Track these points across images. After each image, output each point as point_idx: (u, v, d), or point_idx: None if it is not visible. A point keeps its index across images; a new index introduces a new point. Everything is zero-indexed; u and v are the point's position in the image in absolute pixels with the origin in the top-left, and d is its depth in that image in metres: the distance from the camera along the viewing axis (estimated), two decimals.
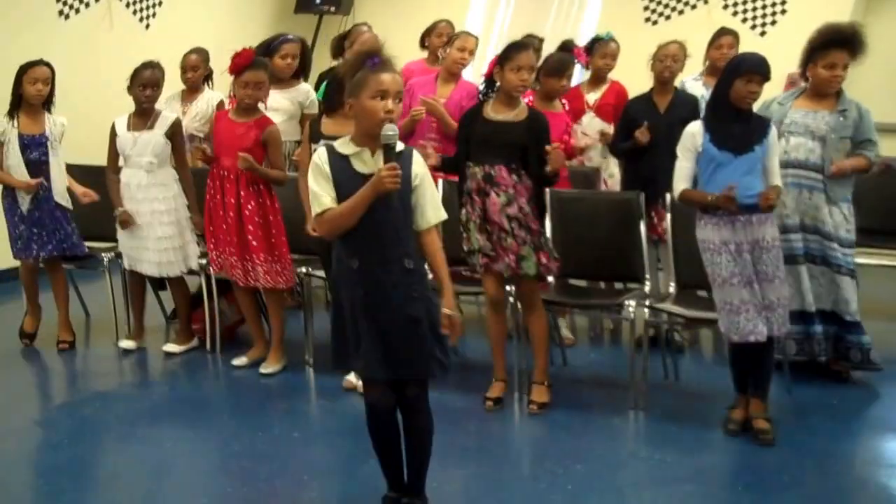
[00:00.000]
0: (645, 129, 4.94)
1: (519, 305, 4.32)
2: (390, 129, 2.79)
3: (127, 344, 5.07)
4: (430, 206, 2.94)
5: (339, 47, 5.85)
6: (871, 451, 4.03)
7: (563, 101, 5.13)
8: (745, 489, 3.49)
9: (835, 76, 4.25)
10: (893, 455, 3.98)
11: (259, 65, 4.53)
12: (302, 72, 5.59)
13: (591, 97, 5.63)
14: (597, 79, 5.67)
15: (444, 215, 3.00)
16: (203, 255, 4.93)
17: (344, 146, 2.91)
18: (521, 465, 3.82)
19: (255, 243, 4.57)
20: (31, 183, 4.86)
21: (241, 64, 4.47)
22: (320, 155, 2.92)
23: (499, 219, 4.03)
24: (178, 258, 4.89)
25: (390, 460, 3.10)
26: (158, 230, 4.82)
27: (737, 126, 3.79)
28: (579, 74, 6.19)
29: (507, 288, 4.27)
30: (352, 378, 4.44)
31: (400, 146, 2.90)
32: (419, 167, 2.93)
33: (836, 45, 4.19)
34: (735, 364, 4.01)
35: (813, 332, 4.43)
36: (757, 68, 3.73)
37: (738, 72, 3.75)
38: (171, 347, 5.02)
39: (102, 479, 3.68)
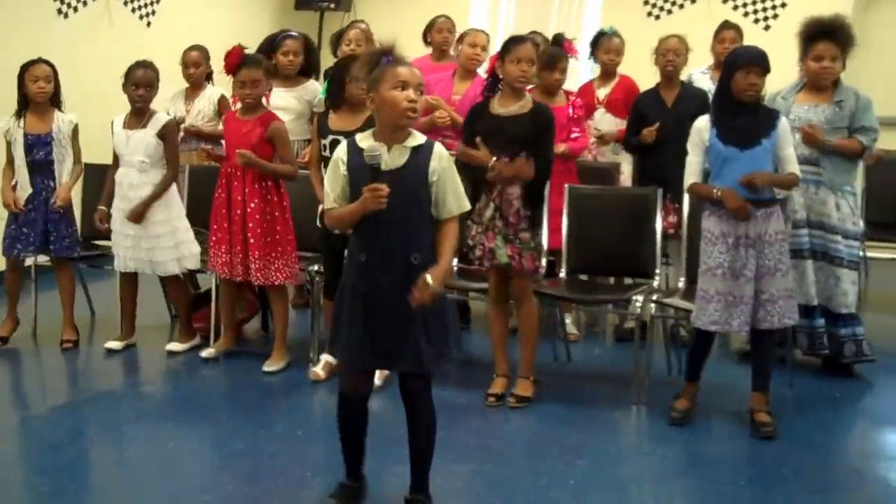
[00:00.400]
0: (653, 129, 4.94)
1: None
2: (373, 151, 2.81)
3: (112, 345, 5.01)
4: (452, 196, 2.92)
5: (337, 44, 5.84)
6: (873, 444, 4.04)
7: (576, 96, 5.13)
8: (747, 483, 3.49)
9: (823, 68, 4.27)
10: (895, 448, 3.98)
11: (252, 62, 4.50)
12: (309, 69, 5.57)
13: (602, 93, 5.63)
14: (605, 74, 5.67)
15: (466, 205, 2.98)
16: (203, 252, 4.91)
17: (365, 140, 2.93)
18: (522, 460, 3.80)
19: (252, 240, 4.55)
20: (10, 203, 4.89)
21: (234, 63, 4.45)
22: (340, 151, 2.96)
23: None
24: (170, 258, 4.86)
25: (353, 449, 3.12)
26: (150, 230, 4.79)
27: (741, 120, 3.78)
28: (589, 70, 6.19)
29: None
30: (318, 370, 4.48)
31: (422, 139, 2.92)
32: (439, 161, 2.90)
33: (820, 36, 4.22)
34: (693, 351, 4.05)
35: (815, 325, 4.44)
36: (755, 60, 3.73)
37: (736, 65, 3.75)
38: (174, 346, 5.00)
39: (103, 478, 3.67)
